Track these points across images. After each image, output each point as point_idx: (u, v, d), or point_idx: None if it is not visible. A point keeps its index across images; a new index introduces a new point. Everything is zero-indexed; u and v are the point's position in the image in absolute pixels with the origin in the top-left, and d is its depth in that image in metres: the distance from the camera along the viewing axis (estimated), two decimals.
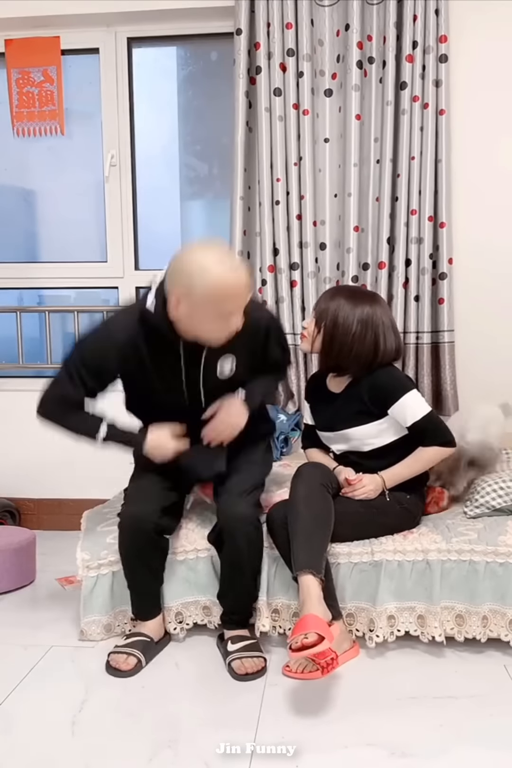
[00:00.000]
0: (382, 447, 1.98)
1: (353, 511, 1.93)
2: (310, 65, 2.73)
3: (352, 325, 1.91)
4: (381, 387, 1.94)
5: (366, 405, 1.95)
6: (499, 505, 2.02)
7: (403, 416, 1.92)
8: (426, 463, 1.98)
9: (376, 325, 1.93)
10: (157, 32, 2.99)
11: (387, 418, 1.95)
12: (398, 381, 1.97)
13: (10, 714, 1.67)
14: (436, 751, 1.51)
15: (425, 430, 1.92)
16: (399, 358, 2.03)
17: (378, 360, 1.94)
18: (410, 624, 1.90)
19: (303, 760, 1.49)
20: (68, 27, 2.96)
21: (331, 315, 1.94)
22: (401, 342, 2.04)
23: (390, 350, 1.96)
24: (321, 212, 2.81)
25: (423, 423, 1.91)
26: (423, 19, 2.64)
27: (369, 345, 1.92)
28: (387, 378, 1.96)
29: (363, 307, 1.93)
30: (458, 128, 2.75)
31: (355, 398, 1.98)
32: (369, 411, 1.96)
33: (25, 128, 3.05)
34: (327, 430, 2.07)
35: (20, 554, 2.44)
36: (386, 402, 1.93)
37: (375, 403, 1.95)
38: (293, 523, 1.82)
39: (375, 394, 1.94)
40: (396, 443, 1.98)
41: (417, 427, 1.92)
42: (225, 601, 1.93)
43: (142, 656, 1.85)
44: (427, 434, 1.93)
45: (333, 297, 1.98)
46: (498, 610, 1.88)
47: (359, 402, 1.96)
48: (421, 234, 2.73)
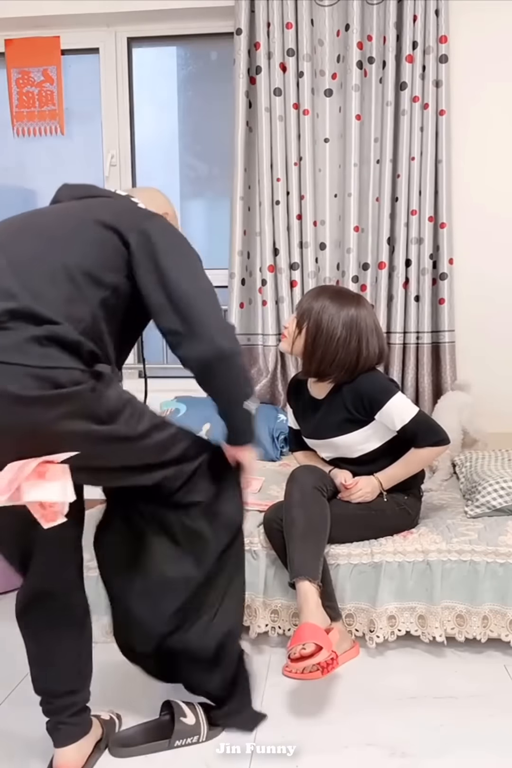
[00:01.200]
0: (372, 451, 1.95)
1: (351, 513, 1.92)
2: (310, 65, 2.73)
3: (337, 329, 1.85)
4: (364, 394, 1.88)
5: (350, 413, 1.91)
6: (500, 505, 2.01)
7: (391, 421, 1.88)
8: (420, 463, 1.96)
9: (360, 330, 1.86)
10: (157, 32, 2.99)
11: (374, 423, 1.91)
12: (381, 386, 1.90)
13: (11, 714, 1.67)
14: (436, 751, 1.51)
15: (415, 432, 1.87)
16: (382, 361, 1.96)
17: (360, 366, 1.89)
18: (410, 624, 1.90)
19: (303, 760, 1.49)
20: (68, 27, 2.97)
21: (315, 317, 1.87)
22: (384, 345, 1.97)
23: (373, 355, 1.90)
24: (322, 212, 2.81)
25: (412, 425, 1.86)
26: (423, 19, 2.65)
27: (353, 351, 1.87)
28: (370, 384, 1.89)
29: (349, 310, 1.87)
30: (458, 129, 2.75)
31: (339, 406, 1.93)
32: (355, 419, 1.91)
33: (25, 128, 3.06)
34: (314, 437, 2.04)
35: None
36: (371, 409, 1.88)
37: (360, 411, 1.90)
38: (288, 529, 1.81)
39: (360, 402, 1.89)
40: (386, 445, 1.94)
41: (407, 430, 1.87)
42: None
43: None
44: (418, 436, 1.88)
45: (317, 297, 1.90)
46: (499, 610, 1.88)
47: (343, 410, 1.92)
48: (421, 234, 2.73)
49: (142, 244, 1.34)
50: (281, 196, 2.77)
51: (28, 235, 1.35)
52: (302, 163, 2.77)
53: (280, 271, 2.81)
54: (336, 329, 1.85)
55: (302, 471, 1.94)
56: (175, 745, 1.52)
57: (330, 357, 1.87)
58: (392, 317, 2.77)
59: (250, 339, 2.94)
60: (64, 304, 1.24)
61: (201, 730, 1.54)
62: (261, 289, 2.86)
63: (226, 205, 2.90)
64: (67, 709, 1.43)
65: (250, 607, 1.94)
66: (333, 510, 1.88)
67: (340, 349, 1.86)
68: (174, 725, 1.53)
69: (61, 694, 1.43)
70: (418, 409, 1.91)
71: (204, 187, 3.22)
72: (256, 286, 2.90)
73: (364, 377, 1.90)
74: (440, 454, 1.97)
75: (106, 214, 1.38)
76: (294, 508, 1.82)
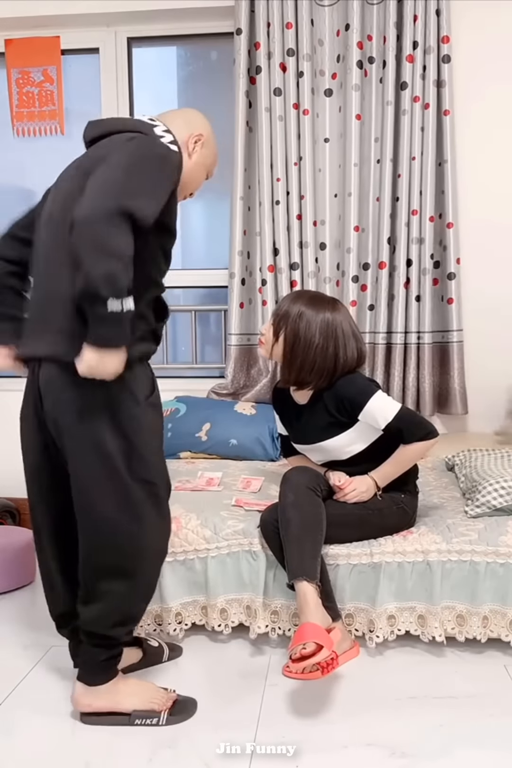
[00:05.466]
0: (362, 452, 1.94)
1: (349, 513, 1.91)
2: (310, 65, 2.73)
3: (315, 337, 1.84)
4: (344, 397, 1.88)
5: (333, 416, 1.91)
6: (500, 504, 2.01)
7: (375, 420, 1.87)
8: (411, 459, 1.94)
9: (337, 335, 1.86)
10: (157, 32, 2.99)
11: (358, 424, 1.90)
12: (360, 388, 1.89)
13: (11, 714, 1.67)
14: (436, 751, 1.51)
15: (400, 428, 1.86)
16: (362, 364, 1.95)
17: (338, 371, 1.88)
18: (410, 624, 1.90)
19: (303, 760, 1.49)
20: (68, 27, 2.97)
21: (292, 325, 1.86)
22: (363, 347, 1.95)
23: (351, 359, 1.89)
24: (322, 212, 2.81)
25: (396, 422, 1.85)
26: (424, 19, 2.64)
27: (330, 357, 1.86)
28: (349, 387, 1.89)
29: (324, 315, 1.86)
30: (462, 128, 2.75)
31: (322, 411, 1.93)
32: (339, 422, 1.91)
33: (25, 128, 3.06)
34: (302, 443, 2.04)
35: (20, 554, 2.44)
36: (353, 411, 1.88)
37: (342, 414, 1.90)
38: (284, 531, 1.81)
39: (341, 405, 1.89)
40: (377, 444, 1.93)
41: (392, 428, 1.86)
42: None
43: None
44: (404, 432, 1.87)
45: (294, 303, 1.90)
46: (499, 610, 1.88)
47: (326, 414, 1.92)
48: (422, 234, 2.73)
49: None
50: (281, 196, 2.77)
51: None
52: (302, 163, 2.77)
53: (280, 271, 2.81)
54: (314, 337, 1.85)
55: (295, 472, 1.94)
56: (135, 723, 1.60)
57: (309, 365, 1.87)
58: (393, 317, 2.77)
59: (250, 339, 2.93)
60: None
61: (161, 714, 1.62)
62: (261, 289, 2.86)
63: (226, 205, 2.90)
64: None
65: (250, 608, 1.95)
66: (330, 511, 1.87)
67: (318, 357, 1.86)
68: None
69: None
70: (401, 405, 1.89)
71: (204, 187, 3.19)
72: (256, 286, 2.90)
73: (343, 380, 1.90)
74: (430, 447, 1.94)
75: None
76: (289, 509, 1.82)
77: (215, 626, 1.95)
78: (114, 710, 1.60)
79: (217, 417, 2.73)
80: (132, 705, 1.61)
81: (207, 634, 2.02)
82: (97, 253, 1.25)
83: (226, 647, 1.98)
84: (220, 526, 1.98)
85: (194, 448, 2.69)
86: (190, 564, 1.97)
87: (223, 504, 2.09)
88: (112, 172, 1.34)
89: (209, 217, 3.29)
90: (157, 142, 1.50)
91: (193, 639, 2.02)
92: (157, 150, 1.46)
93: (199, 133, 1.65)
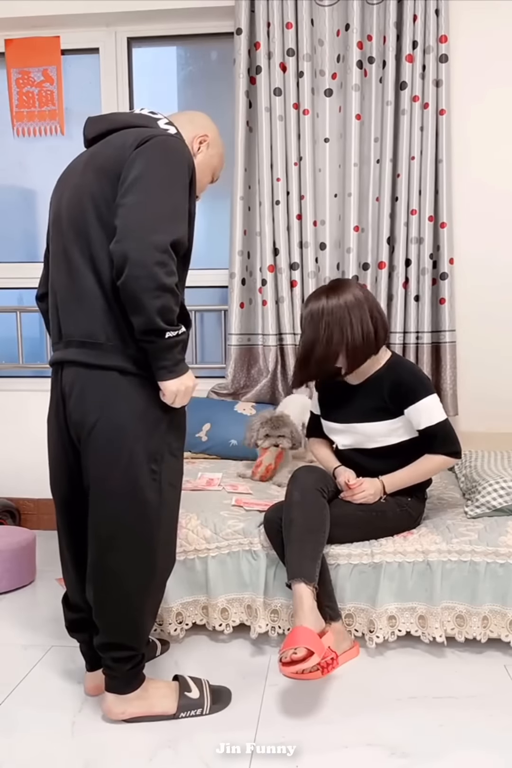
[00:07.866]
0: (388, 447, 1.95)
1: (352, 513, 1.92)
2: (310, 65, 2.73)
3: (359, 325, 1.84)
4: (403, 383, 1.89)
5: (384, 401, 1.91)
6: (500, 505, 2.01)
7: (418, 418, 1.88)
8: (429, 472, 1.96)
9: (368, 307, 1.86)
10: (157, 32, 2.99)
11: (402, 417, 1.91)
12: (421, 382, 1.91)
13: (11, 714, 1.67)
14: (436, 751, 1.51)
15: (436, 436, 1.88)
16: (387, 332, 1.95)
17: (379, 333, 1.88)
18: (411, 624, 1.90)
19: (303, 760, 1.49)
20: (68, 27, 2.97)
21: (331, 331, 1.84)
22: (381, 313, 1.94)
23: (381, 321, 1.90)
24: (321, 212, 2.81)
25: (436, 429, 1.87)
26: (423, 19, 2.64)
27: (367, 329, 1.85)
28: (412, 376, 1.91)
29: (346, 297, 1.84)
30: (458, 128, 2.75)
31: (375, 393, 1.93)
32: (386, 408, 1.91)
33: (25, 128, 3.06)
34: (337, 421, 2.02)
35: (20, 554, 2.44)
36: (406, 400, 1.88)
37: (394, 401, 1.90)
38: (287, 530, 1.81)
39: (397, 390, 1.89)
40: (401, 445, 1.94)
41: (429, 432, 1.88)
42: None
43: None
44: (437, 441, 1.89)
45: (315, 316, 1.87)
46: (499, 610, 1.88)
47: (378, 398, 1.92)
48: (421, 234, 2.73)
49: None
50: (281, 196, 2.77)
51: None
52: (302, 163, 2.77)
53: (280, 271, 2.81)
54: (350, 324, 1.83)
55: (304, 470, 1.95)
56: (180, 716, 1.63)
57: (362, 354, 1.87)
58: (392, 317, 2.77)
59: (250, 339, 2.94)
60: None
61: (204, 703, 1.65)
62: (261, 289, 2.86)
63: (226, 205, 2.90)
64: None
65: (251, 607, 1.95)
66: (334, 511, 1.88)
67: (365, 337, 1.85)
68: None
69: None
70: (446, 416, 1.91)
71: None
72: (256, 286, 2.90)
73: (405, 367, 1.94)
74: (450, 465, 1.98)
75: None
76: (294, 509, 1.83)
77: (216, 626, 1.96)
78: (149, 714, 1.61)
79: (217, 417, 2.73)
80: (164, 708, 1.62)
81: (207, 634, 2.02)
82: (155, 294, 1.34)
83: (227, 647, 1.99)
84: (220, 525, 1.98)
85: (194, 448, 2.69)
86: (190, 564, 1.97)
87: (223, 504, 2.10)
88: (150, 200, 1.37)
89: (209, 217, 3.29)
90: (171, 141, 1.47)
91: (194, 639, 2.02)
92: (178, 156, 1.45)
93: (205, 134, 1.64)
